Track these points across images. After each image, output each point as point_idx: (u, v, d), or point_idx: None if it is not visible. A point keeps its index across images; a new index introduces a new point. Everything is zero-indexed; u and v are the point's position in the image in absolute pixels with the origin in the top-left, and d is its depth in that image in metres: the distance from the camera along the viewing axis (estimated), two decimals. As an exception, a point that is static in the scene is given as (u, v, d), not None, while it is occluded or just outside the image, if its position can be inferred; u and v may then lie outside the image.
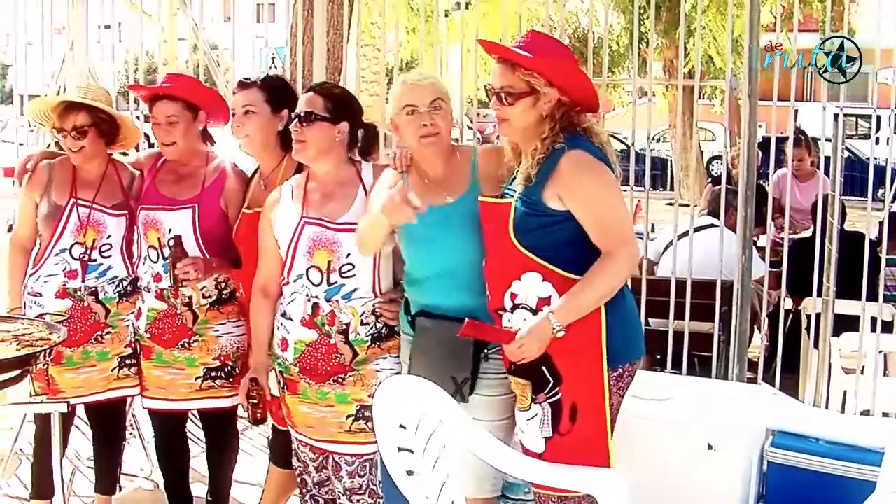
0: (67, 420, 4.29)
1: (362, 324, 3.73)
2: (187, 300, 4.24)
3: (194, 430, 4.84)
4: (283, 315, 3.82)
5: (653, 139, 20.54)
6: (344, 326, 3.71)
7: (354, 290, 3.72)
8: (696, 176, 14.47)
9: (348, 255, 3.69)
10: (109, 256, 4.37)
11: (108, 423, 4.64)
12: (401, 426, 3.10)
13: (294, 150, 3.77)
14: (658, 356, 5.50)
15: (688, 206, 6.76)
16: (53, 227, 4.31)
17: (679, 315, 5.20)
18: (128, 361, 4.43)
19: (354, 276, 3.71)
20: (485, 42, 3.62)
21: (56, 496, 3.85)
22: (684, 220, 5.86)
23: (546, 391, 3.27)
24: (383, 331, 3.76)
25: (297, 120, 3.73)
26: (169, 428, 4.53)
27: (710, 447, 3.75)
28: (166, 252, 4.14)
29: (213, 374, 4.30)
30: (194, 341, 4.27)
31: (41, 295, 4.34)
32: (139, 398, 4.52)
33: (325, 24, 5.83)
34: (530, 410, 3.32)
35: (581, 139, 3.29)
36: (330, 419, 3.75)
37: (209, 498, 4.60)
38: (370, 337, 3.74)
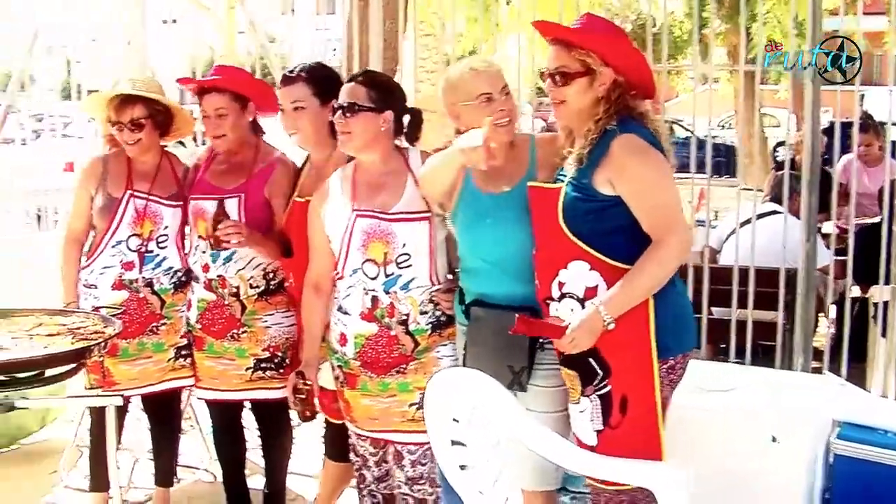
0: (121, 412, 4.30)
1: (422, 313, 3.68)
2: (234, 290, 4.22)
3: (253, 421, 4.83)
4: (340, 309, 3.78)
5: (718, 126, 20.33)
6: (404, 317, 3.67)
7: (412, 279, 3.67)
8: (762, 162, 14.26)
9: (404, 245, 3.65)
10: (166, 247, 4.38)
11: (164, 414, 4.65)
12: (454, 419, 3.04)
13: (339, 143, 3.73)
14: (722, 346, 5.40)
15: (751, 190, 6.63)
16: (110, 220, 4.32)
17: (742, 304, 5.09)
18: (183, 352, 4.43)
19: (411, 265, 3.66)
20: (539, 23, 3.54)
21: (112, 488, 3.85)
22: (748, 208, 5.74)
23: (595, 383, 3.20)
24: (442, 318, 3.71)
25: (340, 111, 3.68)
26: (224, 419, 4.53)
27: (774, 439, 3.65)
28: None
29: (263, 365, 4.29)
30: (243, 332, 4.26)
31: (96, 287, 4.35)
32: (195, 389, 4.52)
33: (381, 16, 5.79)
34: (580, 403, 3.25)
35: (635, 123, 3.22)
36: (393, 409, 3.71)
37: (266, 490, 4.59)
38: (430, 325, 3.69)
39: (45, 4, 6.80)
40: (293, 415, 4.18)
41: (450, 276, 3.75)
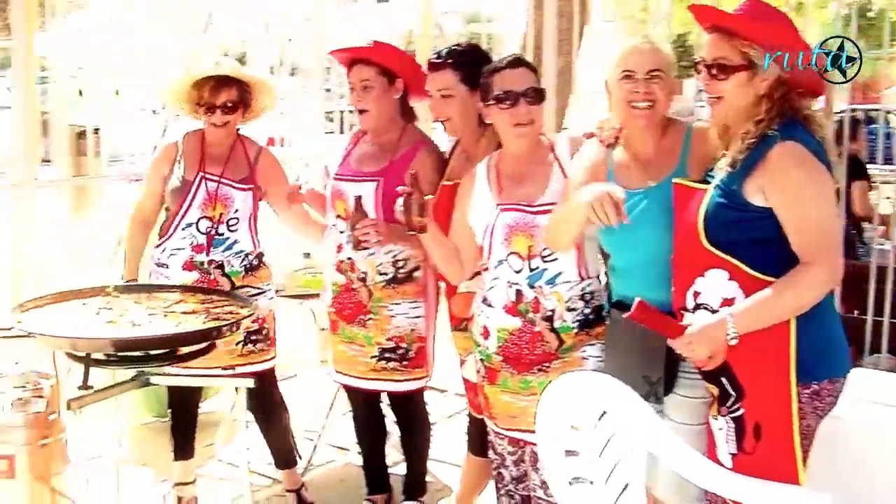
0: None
1: (568, 310, 3.47)
2: (362, 275, 4.13)
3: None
4: (484, 301, 3.62)
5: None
6: (549, 313, 3.47)
7: (558, 274, 3.46)
8: None
9: None
10: (236, 230, 4.35)
11: (264, 400, 4.54)
12: (572, 427, 2.82)
13: (518, 133, 3.50)
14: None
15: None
16: (181, 201, 4.32)
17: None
18: (253, 337, 4.38)
19: (557, 259, 3.45)
20: (696, 7, 3.14)
21: (241, 468, 3.82)
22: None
23: (728, 405, 2.91)
24: (591, 316, 3.49)
25: (521, 98, 3.46)
26: (361, 403, 4.49)
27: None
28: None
29: (387, 355, 4.18)
30: (369, 319, 4.16)
31: (168, 267, 4.36)
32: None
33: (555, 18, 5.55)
34: (718, 421, 2.97)
35: (799, 129, 2.87)
36: (531, 409, 3.48)
37: (405, 479, 4.53)
38: (577, 323, 3.48)
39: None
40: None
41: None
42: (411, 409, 4.41)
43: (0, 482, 3.95)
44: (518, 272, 3.49)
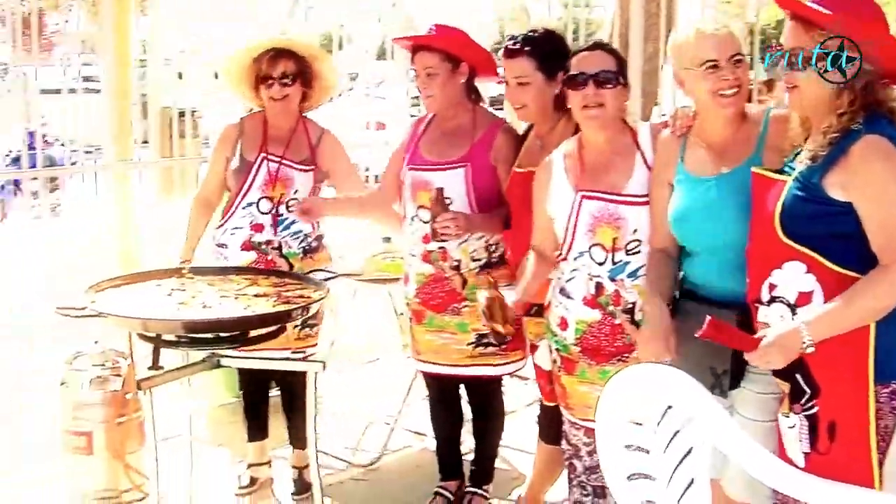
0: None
1: None
2: (455, 264, 4.09)
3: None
4: (562, 292, 3.55)
5: None
6: (630, 306, 3.41)
7: (640, 267, 3.39)
8: None
9: (635, 230, 3.37)
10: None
11: (296, 380, 4.45)
12: (634, 422, 2.75)
13: (587, 116, 3.43)
14: None
15: None
16: (242, 181, 4.33)
17: None
18: (310, 321, 4.36)
19: (640, 252, 3.38)
20: None
21: (310, 449, 3.83)
22: None
23: (802, 402, 2.79)
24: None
25: (589, 82, 3.39)
26: (442, 392, 4.46)
27: None
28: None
29: (485, 340, 4.12)
30: (464, 306, 4.11)
31: (227, 247, 4.39)
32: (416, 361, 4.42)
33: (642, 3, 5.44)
34: (790, 418, 2.86)
35: (884, 122, 2.72)
36: None
37: (472, 466, 4.51)
38: None
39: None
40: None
41: None
42: (490, 397, 4.40)
43: (78, 458, 4.04)
44: (601, 264, 3.42)
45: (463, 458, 4.58)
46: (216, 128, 6.84)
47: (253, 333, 3.59)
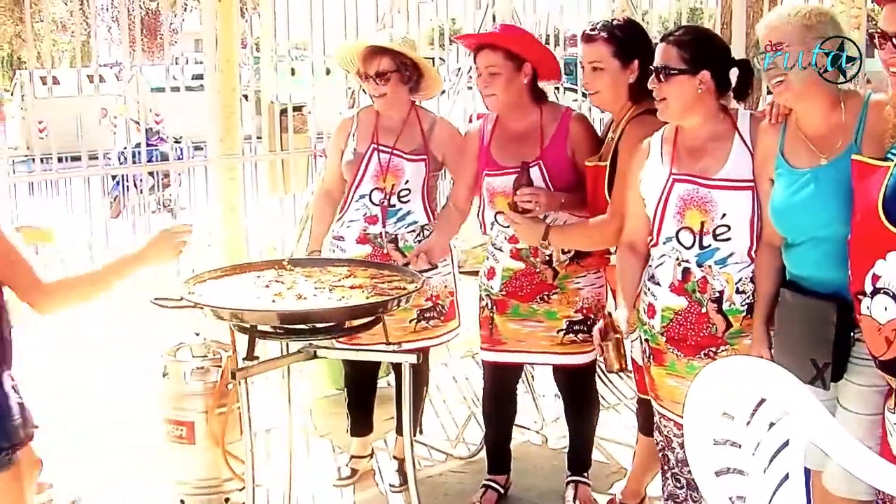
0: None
1: (737, 292, 3.34)
2: (547, 258, 4.11)
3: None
4: (651, 279, 3.51)
5: None
6: (717, 294, 3.35)
7: (730, 254, 3.32)
8: None
9: (724, 215, 3.30)
10: (408, 202, 4.35)
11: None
12: (726, 414, 2.68)
13: (659, 112, 3.42)
14: None
15: None
16: (354, 173, 4.37)
17: None
18: (426, 315, 4.39)
19: (730, 239, 3.31)
20: None
21: (405, 437, 3.81)
22: None
23: None
24: None
25: (653, 76, 3.38)
26: (504, 382, 4.44)
27: None
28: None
29: (576, 327, 4.15)
30: (554, 294, 4.14)
31: (343, 239, 4.43)
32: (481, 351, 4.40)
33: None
34: (895, 415, 2.76)
35: None
36: None
37: (569, 454, 4.50)
38: (746, 306, 3.33)
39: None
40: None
41: None
42: (584, 384, 4.38)
43: (179, 447, 4.13)
44: (688, 248, 3.36)
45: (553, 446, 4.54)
46: (325, 122, 6.93)
47: (348, 324, 3.62)
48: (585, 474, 4.44)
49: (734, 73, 3.44)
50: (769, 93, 3.27)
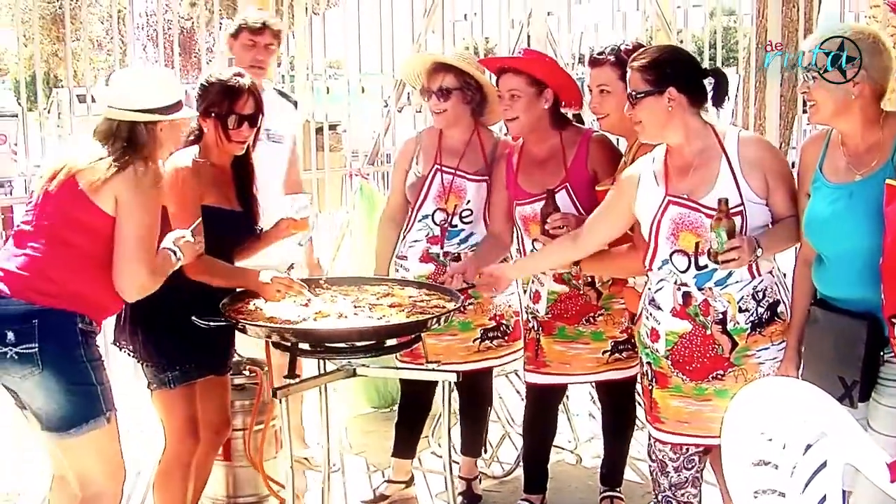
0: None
1: (741, 311, 3.36)
2: (589, 280, 4.15)
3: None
4: (652, 303, 3.53)
5: None
6: (720, 316, 3.37)
7: (729, 275, 3.34)
8: None
9: None
10: (470, 222, 4.36)
11: (472, 392, 4.56)
12: (763, 435, 2.69)
13: (639, 135, 3.51)
14: None
15: None
16: (417, 194, 4.38)
17: None
18: (490, 334, 4.40)
19: None
20: None
21: (444, 456, 3.83)
22: None
23: None
24: (764, 316, 3.38)
25: (627, 102, 3.44)
26: (547, 403, 4.45)
27: None
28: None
29: (620, 346, 4.20)
30: (599, 315, 4.18)
31: (407, 258, 4.44)
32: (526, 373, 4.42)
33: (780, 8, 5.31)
34: None
35: None
36: (705, 413, 3.44)
37: (602, 470, 4.56)
38: (750, 324, 3.37)
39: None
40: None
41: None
42: (624, 399, 4.43)
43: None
44: (684, 272, 3.39)
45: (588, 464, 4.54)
46: (360, 141, 6.96)
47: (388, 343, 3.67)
48: (618, 489, 4.49)
49: (709, 83, 3.47)
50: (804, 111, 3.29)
